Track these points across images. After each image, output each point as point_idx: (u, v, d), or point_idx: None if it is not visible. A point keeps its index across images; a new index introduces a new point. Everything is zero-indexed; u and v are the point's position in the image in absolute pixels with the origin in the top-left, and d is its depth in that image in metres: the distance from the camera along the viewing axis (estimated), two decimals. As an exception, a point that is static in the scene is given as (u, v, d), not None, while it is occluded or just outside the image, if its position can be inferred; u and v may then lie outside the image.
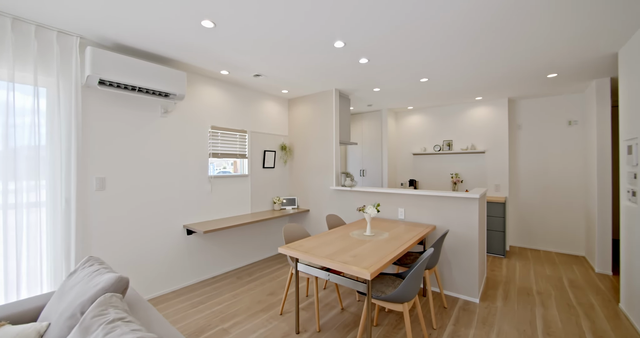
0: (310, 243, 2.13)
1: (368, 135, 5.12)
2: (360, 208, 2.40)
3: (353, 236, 2.32)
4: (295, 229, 2.55)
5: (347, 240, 2.21)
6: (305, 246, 2.07)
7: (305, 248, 2.01)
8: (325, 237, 2.31)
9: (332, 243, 2.13)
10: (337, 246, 2.05)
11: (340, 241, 2.20)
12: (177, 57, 2.58)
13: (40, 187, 2.04)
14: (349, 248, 1.99)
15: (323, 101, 3.72)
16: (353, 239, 2.25)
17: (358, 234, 2.40)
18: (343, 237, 2.31)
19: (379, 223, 2.89)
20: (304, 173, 4.00)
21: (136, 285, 2.56)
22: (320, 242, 2.17)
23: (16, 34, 1.92)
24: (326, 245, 2.08)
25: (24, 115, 1.97)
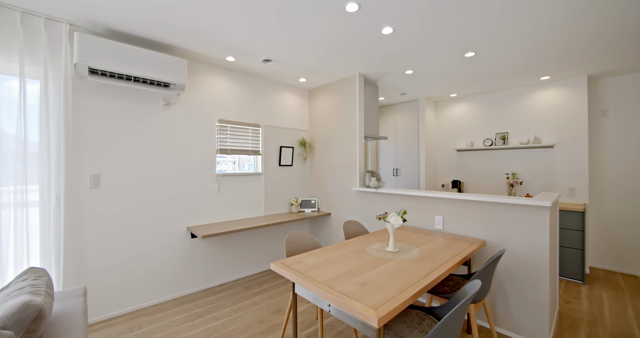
0: (312, 259, 1.68)
1: (402, 129, 4.48)
2: (381, 215, 1.87)
3: (370, 252, 1.81)
4: (302, 238, 2.12)
5: (362, 257, 1.71)
6: (306, 263, 1.63)
7: (303, 267, 1.56)
8: (335, 251, 1.84)
9: (341, 261, 1.65)
10: (346, 266, 1.56)
11: (352, 258, 1.71)
12: (176, 42, 2.33)
13: (29, 185, 1.92)
14: (361, 270, 1.50)
15: (345, 89, 3.23)
16: (370, 256, 1.74)
17: (378, 249, 1.88)
18: (358, 252, 1.82)
19: (409, 234, 2.31)
20: (325, 172, 3.56)
21: (133, 291, 2.36)
22: (326, 258, 1.70)
23: (0, 22, 1.81)
24: (332, 264, 1.61)
25: (11, 108, 1.86)
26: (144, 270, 2.42)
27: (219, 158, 2.96)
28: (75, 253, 2.11)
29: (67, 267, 2.04)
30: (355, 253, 1.81)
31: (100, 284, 2.22)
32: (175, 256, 2.60)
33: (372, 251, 1.82)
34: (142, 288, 2.41)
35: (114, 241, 2.28)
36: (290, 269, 1.53)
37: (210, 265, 2.84)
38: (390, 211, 2.80)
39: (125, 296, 2.32)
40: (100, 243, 2.22)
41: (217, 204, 2.89)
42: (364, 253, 1.80)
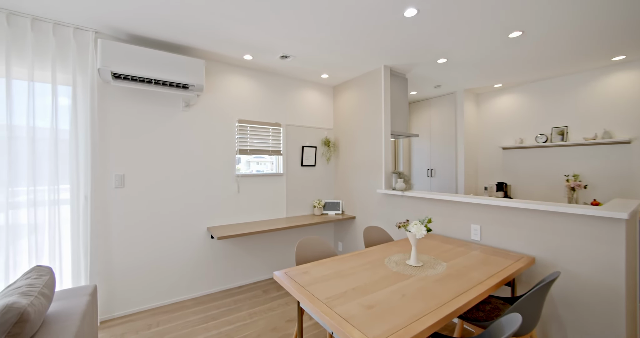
0: (320, 270, 1.51)
1: (438, 126, 4.07)
2: (402, 223, 1.63)
3: (388, 265, 1.58)
4: (314, 245, 1.96)
5: (377, 271, 1.50)
6: (312, 274, 1.47)
7: (308, 278, 1.40)
8: (348, 262, 1.65)
9: (351, 274, 1.46)
10: (356, 281, 1.37)
11: (366, 271, 1.50)
12: (193, 43, 2.34)
13: (61, 185, 2.05)
14: (372, 287, 1.29)
15: (370, 84, 3.00)
16: (386, 270, 1.52)
17: (398, 262, 1.65)
18: (373, 264, 1.60)
19: (438, 244, 2.02)
20: (349, 173, 3.36)
21: (156, 288, 2.43)
22: (337, 270, 1.52)
23: (35, 33, 1.95)
24: (341, 277, 1.43)
25: (45, 114, 1.99)
26: (165, 268, 2.48)
27: (239, 158, 2.93)
28: (102, 249, 2.22)
29: (93, 263, 2.14)
30: (371, 265, 1.60)
31: (125, 280, 2.30)
32: (195, 256, 2.62)
33: (390, 265, 1.60)
34: (164, 286, 2.46)
35: (138, 239, 2.36)
36: (292, 281, 1.39)
37: (231, 266, 2.82)
38: (417, 218, 2.51)
39: (148, 293, 2.39)
40: (124, 241, 2.30)
41: (237, 205, 2.87)
42: (380, 265, 1.58)
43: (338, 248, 3.55)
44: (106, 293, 2.23)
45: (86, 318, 1.27)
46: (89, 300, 1.37)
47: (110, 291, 2.25)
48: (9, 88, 1.87)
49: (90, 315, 1.35)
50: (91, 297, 1.43)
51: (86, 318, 1.27)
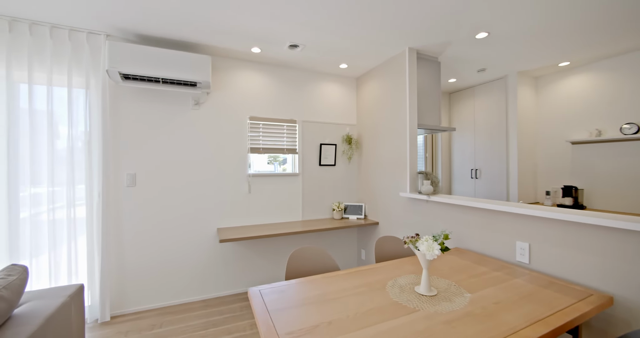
0: (302, 290, 1.25)
1: (484, 118, 3.45)
2: (409, 238, 1.28)
3: (390, 291, 1.25)
4: (312, 257, 1.70)
5: (372, 297, 1.18)
6: (287, 294, 1.21)
7: (282, 301, 1.16)
8: (342, 281, 1.35)
9: (339, 298, 1.17)
10: (339, 311, 1.08)
11: (359, 296, 1.20)
12: (199, 39, 2.27)
13: (77, 185, 2.14)
14: (355, 324, 0.99)
15: (394, 71, 2.61)
16: (385, 297, 1.19)
17: (404, 286, 1.30)
18: (372, 288, 1.28)
19: (467, 265, 1.59)
20: (372, 173, 3.00)
21: (165, 287, 2.42)
22: (323, 291, 1.24)
23: (54, 40, 2.05)
24: (324, 302, 1.15)
25: (62, 116, 2.10)
26: (176, 266, 2.46)
27: (251, 157, 2.81)
28: (114, 246, 2.28)
29: (104, 260, 2.20)
30: (368, 288, 1.28)
31: (137, 277, 2.34)
32: (205, 257, 2.57)
33: (394, 290, 1.26)
34: (173, 286, 2.45)
35: (149, 237, 2.38)
36: (262, 301, 1.15)
37: (241, 268, 2.71)
38: (447, 228, 2.06)
39: (157, 291, 2.40)
40: (136, 238, 2.34)
41: (248, 206, 2.75)
42: (379, 290, 1.26)
43: (361, 256, 3.22)
44: (118, 289, 2.28)
45: (53, 321, 1.21)
46: (64, 301, 1.33)
47: (122, 288, 2.30)
48: (31, 93, 1.99)
49: (64, 316, 1.30)
50: (71, 298, 1.39)
51: (53, 321, 1.21)
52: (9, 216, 1.93)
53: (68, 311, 1.36)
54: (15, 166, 1.96)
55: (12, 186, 1.94)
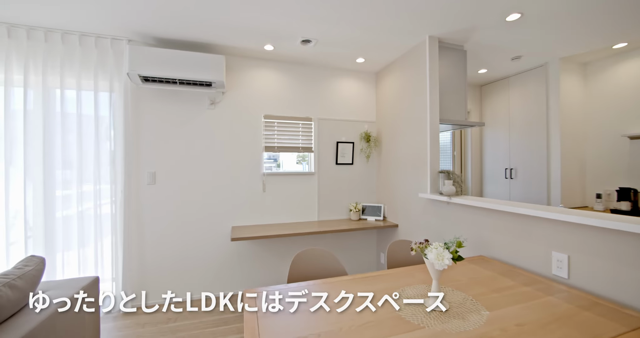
0: (293, 296, 1.18)
1: (520, 111, 3.10)
2: (417, 244, 1.14)
3: (393, 303, 1.12)
4: (317, 261, 1.62)
5: (372, 311, 1.07)
6: (282, 299, 1.14)
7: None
8: (341, 288, 1.25)
9: (324, 318, 1.08)
10: (325, 324, 0.99)
11: (352, 306, 1.09)
12: (213, 39, 2.29)
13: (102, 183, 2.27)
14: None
15: (414, 63, 2.43)
16: (386, 311, 1.07)
17: (412, 297, 1.16)
18: (374, 298, 1.17)
19: (491, 276, 1.40)
20: (391, 172, 2.84)
21: (183, 281, 2.49)
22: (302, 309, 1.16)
23: (82, 47, 2.20)
24: (314, 312, 1.06)
25: (89, 118, 2.24)
26: (192, 263, 2.53)
27: (266, 156, 2.80)
28: (136, 241, 2.39)
29: (127, 254, 2.31)
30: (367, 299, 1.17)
31: (156, 271, 2.43)
32: (221, 254, 2.60)
33: (398, 302, 1.13)
34: (189, 281, 2.52)
35: (167, 233, 2.46)
36: (253, 305, 1.10)
37: (256, 267, 2.71)
38: (471, 233, 1.86)
39: (175, 285, 2.48)
40: (156, 234, 2.44)
41: (263, 205, 2.74)
42: (380, 301, 1.14)
43: (380, 260, 3.07)
44: (140, 282, 2.39)
45: (64, 311, 1.27)
46: (73, 293, 1.39)
47: (143, 281, 2.40)
48: (63, 98, 2.16)
49: (72, 312, 1.36)
50: (84, 290, 1.46)
51: (64, 311, 1.27)
52: (45, 214, 2.10)
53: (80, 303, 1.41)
54: (51, 167, 2.13)
55: (47, 186, 2.11)
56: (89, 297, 1.51)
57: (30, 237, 2.09)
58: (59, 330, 1.25)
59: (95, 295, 1.60)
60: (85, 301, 1.45)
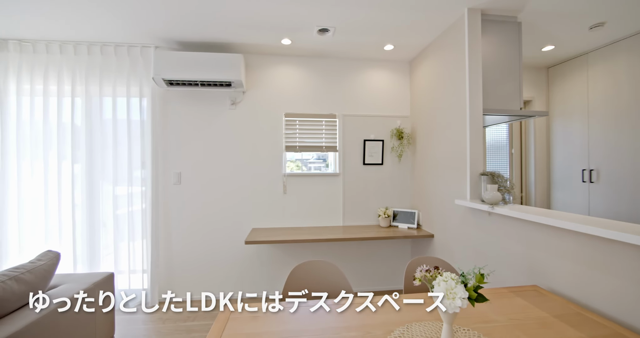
0: (268, 316, 1.01)
1: (603, 97, 2.41)
2: (424, 273, 0.87)
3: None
4: (320, 273, 1.42)
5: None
6: (257, 318, 0.99)
7: (240, 326, 0.94)
8: (333, 316, 1.04)
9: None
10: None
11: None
12: (231, 38, 2.26)
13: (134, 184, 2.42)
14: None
15: (452, 45, 2.04)
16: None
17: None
18: (367, 335, 0.93)
19: (544, 319, 1.03)
20: (426, 174, 2.47)
21: (206, 280, 2.53)
22: (292, 328, 0.97)
23: (117, 57, 2.37)
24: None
25: (122, 122, 2.40)
26: (214, 263, 2.55)
27: (288, 155, 2.69)
28: (163, 239, 2.50)
29: (155, 251, 2.42)
30: (362, 333, 0.93)
31: (182, 269, 2.52)
32: (241, 256, 2.57)
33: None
34: (211, 280, 2.54)
35: (192, 232, 2.53)
36: (225, 318, 0.96)
37: (276, 271, 2.62)
38: (518, 254, 1.44)
39: (198, 284, 2.53)
40: (182, 233, 2.52)
41: (283, 208, 2.64)
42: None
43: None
44: (167, 277, 2.50)
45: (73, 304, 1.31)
46: (87, 288, 1.45)
47: (170, 277, 2.50)
48: (101, 104, 2.36)
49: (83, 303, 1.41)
50: (94, 285, 1.52)
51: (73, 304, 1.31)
52: (88, 213, 2.33)
53: (91, 296, 1.47)
54: (91, 170, 2.34)
55: (90, 188, 2.33)
56: (104, 291, 1.57)
57: (75, 233, 2.33)
58: (61, 325, 1.29)
59: (111, 289, 1.66)
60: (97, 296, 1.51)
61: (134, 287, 2.42)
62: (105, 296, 1.59)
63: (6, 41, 2.25)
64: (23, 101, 2.30)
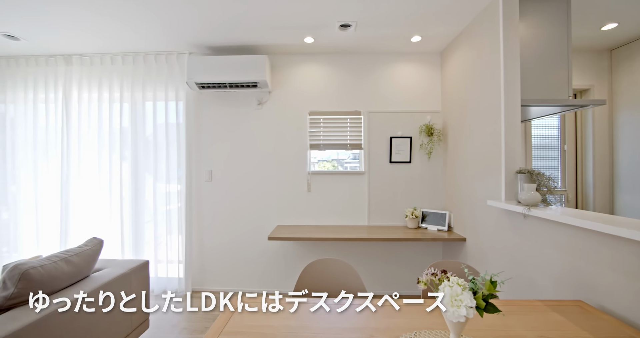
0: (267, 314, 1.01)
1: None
2: (429, 276, 0.80)
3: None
4: (334, 272, 1.39)
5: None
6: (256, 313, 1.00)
7: (240, 322, 0.96)
8: (336, 318, 1.01)
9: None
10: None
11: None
12: (255, 39, 2.34)
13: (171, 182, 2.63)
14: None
15: (488, 29, 1.86)
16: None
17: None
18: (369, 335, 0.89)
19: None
20: (459, 172, 2.29)
21: (232, 275, 2.65)
22: (289, 324, 0.96)
23: (158, 64, 2.59)
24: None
25: (161, 126, 2.62)
26: (242, 258, 2.65)
27: (312, 154, 2.69)
28: (196, 232, 2.67)
29: (189, 244, 2.60)
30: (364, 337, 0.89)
31: (213, 261, 2.67)
32: (267, 252, 2.64)
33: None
34: (238, 274, 2.65)
35: (222, 228, 2.66)
36: (227, 316, 0.99)
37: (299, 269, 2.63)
38: (557, 265, 1.25)
39: (227, 276, 2.66)
40: (213, 227, 2.67)
41: (307, 206, 2.65)
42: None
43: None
44: (199, 268, 2.67)
45: (110, 286, 1.47)
46: (123, 272, 1.61)
47: (202, 267, 2.67)
48: (144, 108, 2.60)
49: (122, 283, 1.57)
50: (130, 270, 1.67)
51: (110, 286, 1.47)
52: (134, 206, 2.59)
53: (127, 280, 1.63)
54: (136, 169, 2.60)
55: (137, 184, 2.59)
56: (136, 276, 1.72)
57: (123, 224, 2.61)
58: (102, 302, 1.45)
59: (145, 275, 1.82)
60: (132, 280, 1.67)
61: (171, 276, 2.62)
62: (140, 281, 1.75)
63: (70, 56, 2.61)
64: (82, 108, 2.64)
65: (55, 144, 2.66)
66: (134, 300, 1.70)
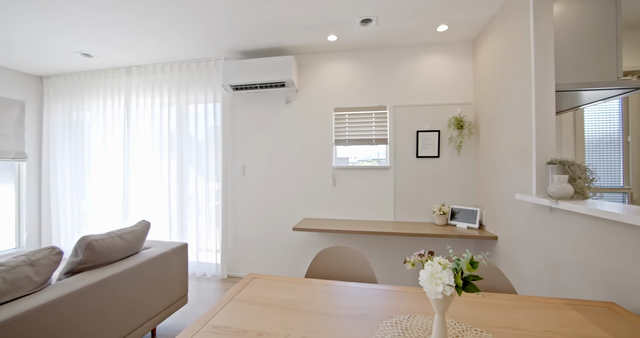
0: (277, 288, 1.10)
1: None
2: (416, 257, 0.81)
3: (374, 334, 0.86)
4: (345, 259, 1.44)
5: (342, 331, 0.86)
6: (269, 288, 1.10)
7: (250, 295, 1.07)
8: (338, 296, 1.07)
9: (299, 312, 0.94)
10: (282, 328, 0.87)
11: (331, 320, 0.91)
12: (283, 42, 2.48)
13: (210, 178, 2.92)
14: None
15: (520, 11, 1.73)
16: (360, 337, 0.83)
17: (409, 331, 0.85)
18: (361, 318, 0.94)
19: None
20: (491, 167, 2.15)
21: (265, 263, 2.83)
22: (294, 298, 1.04)
23: (199, 71, 2.90)
24: (275, 310, 0.96)
25: (201, 127, 2.92)
26: (272, 247, 2.83)
27: (338, 149, 2.75)
28: (232, 223, 2.92)
29: (225, 233, 2.86)
30: (358, 313, 0.94)
31: (246, 249, 2.89)
32: (294, 243, 2.77)
33: (385, 331, 0.85)
34: (269, 263, 2.83)
35: (253, 218, 2.86)
36: (237, 289, 1.11)
37: (325, 261, 2.72)
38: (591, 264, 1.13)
39: (259, 264, 2.85)
40: (246, 218, 2.89)
41: (333, 200, 2.71)
42: (369, 323, 0.88)
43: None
44: (234, 255, 2.91)
45: (154, 263, 1.73)
46: (165, 251, 1.87)
47: (237, 255, 2.91)
48: (187, 111, 2.93)
49: (164, 261, 1.82)
50: (172, 250, 1.92)
51: (154, 263, 1.73)
52: (180, 202, 2.93)
53: (169, 259, 1.88)
54: (181, 165, 2.93)
55: (181, 180, 2.93)
56: (177, 256, 1.97)
57: (171, 214, 2.96)
58: (151, 270, 1.70)
59: (184, 256, 2.07)
60: (173, 259, 1.92)
61: (210, 262, 2.91)
62: (180, 260, 2.00)
63: (130, 68, 3.05)
64: (139, 112, 3.06)
65: (119, 145, 3.13)
66: (175, 277, 1.96)
